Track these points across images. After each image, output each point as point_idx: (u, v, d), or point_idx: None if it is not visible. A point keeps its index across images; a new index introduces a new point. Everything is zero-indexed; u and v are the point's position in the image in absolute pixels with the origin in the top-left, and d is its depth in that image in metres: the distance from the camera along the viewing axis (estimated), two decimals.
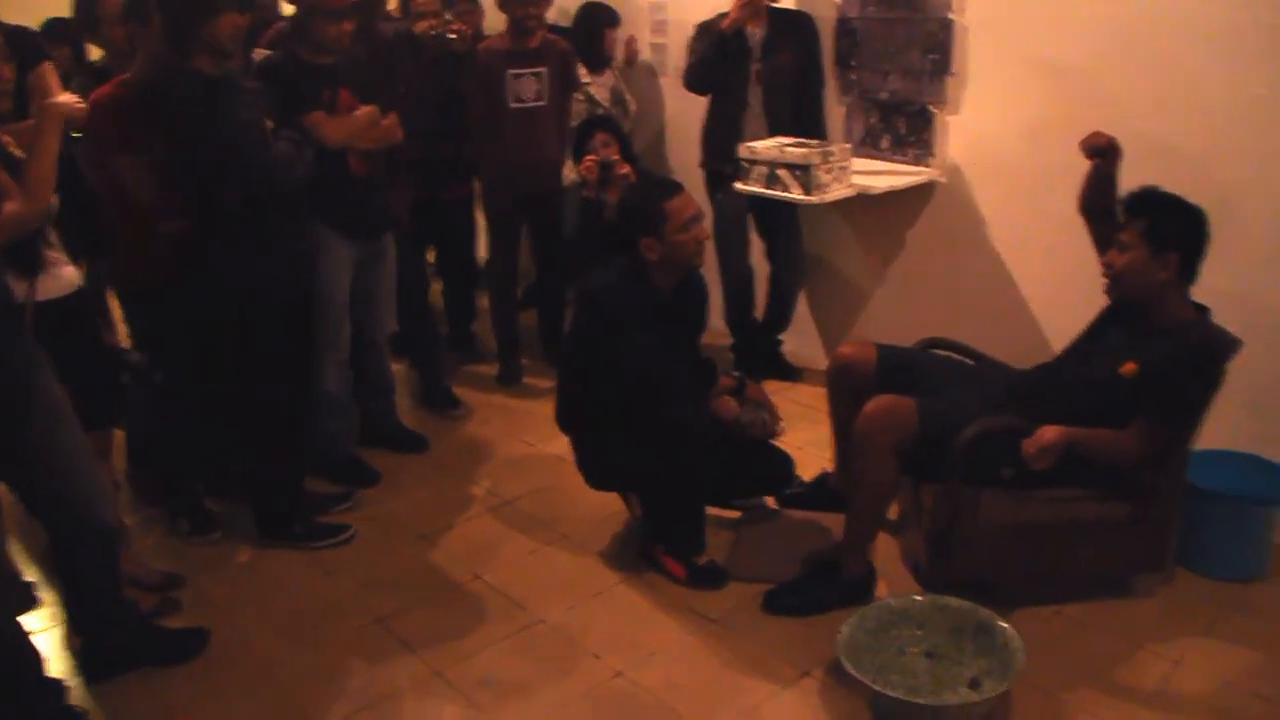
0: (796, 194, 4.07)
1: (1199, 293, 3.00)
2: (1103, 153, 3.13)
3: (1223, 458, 3.35)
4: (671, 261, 3.24)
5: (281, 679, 2.97)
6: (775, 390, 4.05)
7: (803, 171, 4.00)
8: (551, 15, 4.95)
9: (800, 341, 5.01)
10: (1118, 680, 2.87)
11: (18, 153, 2.73)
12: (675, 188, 3.27)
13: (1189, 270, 2.94)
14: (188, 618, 3.23)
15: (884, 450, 3.02)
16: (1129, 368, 2.95)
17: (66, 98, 2.87)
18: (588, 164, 4.39)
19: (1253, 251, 3.41)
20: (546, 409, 3.86)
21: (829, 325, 4.98)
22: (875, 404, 3.08)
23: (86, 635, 2.95)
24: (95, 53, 4.19)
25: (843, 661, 2.68)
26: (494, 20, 5.00)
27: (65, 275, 2.93)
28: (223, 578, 3.49)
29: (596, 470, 3.48)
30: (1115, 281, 3.01)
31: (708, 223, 3.52)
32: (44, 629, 3.15)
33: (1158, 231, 2.89)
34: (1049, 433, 2.90)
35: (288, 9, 4.38)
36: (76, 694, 2.86)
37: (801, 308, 4.93)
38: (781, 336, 4.93)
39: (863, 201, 4.28)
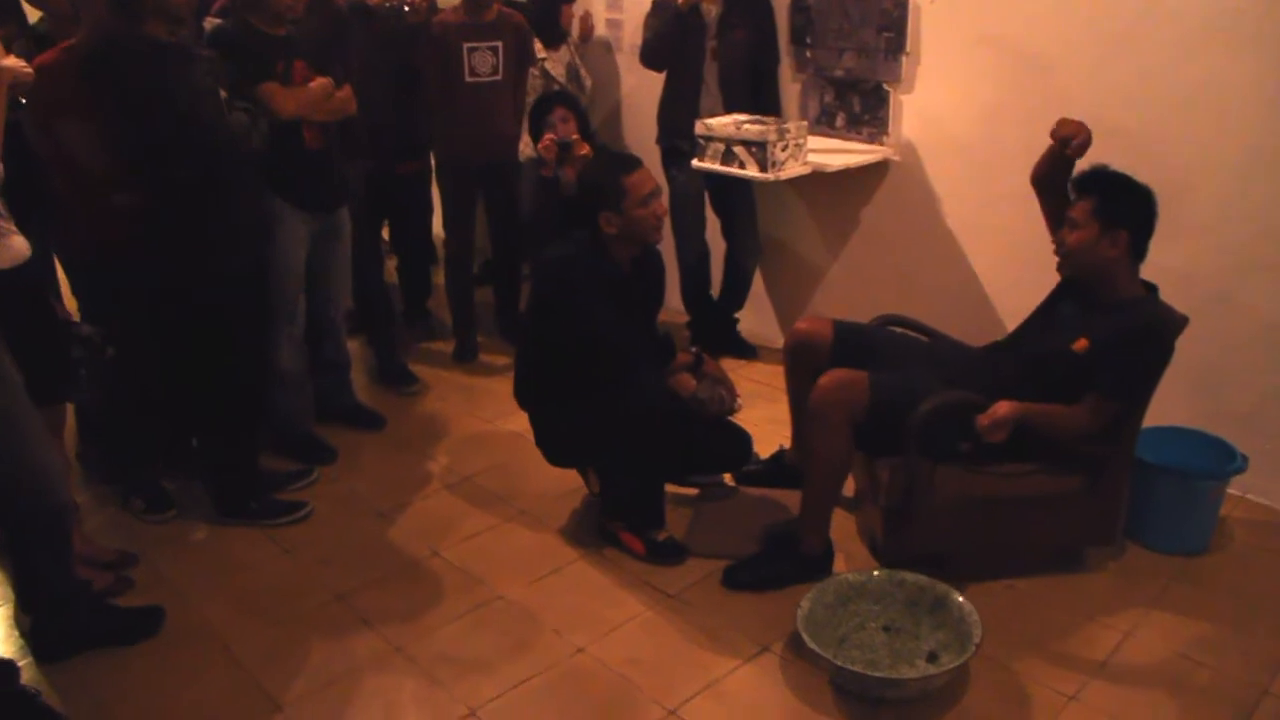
0: (753, 171, 4.08)
1: (1147, 271, 3.05)
2: (1075, 147, 3.10)
3: (1170, 433, 3.42)
4: (630, 236, 3.24)
5: (240, 657, 2.95)
6: (732, 368, 4.08)
7: (759, 149, 4.01)
8: None
9: (756, 319, 5.03)
10: (1070, 651, 2.93)
11: None
12: (634, 162, 3.26)
13: (1138, 247, 2.99)
14: (142, 596, 3.19)
15: (837, 424, 3.05)
16: (1081, 344, 2.99)
17: (13, 62, 2.80)
18: (546, 143, 4.36)
19: (1199, 232, 3.48)
20: (503, 385, 3.87)
21: (785, 303, 5.01)
22: (828, 378, 3.10)
23: (37, 615, 2.91)
24: (34, 17, 4.08)
25: (802, 635, 2.71)
26: None
27: (14, 245, 2.85)
28: (178, 556, 3.45)
29: (555, 446, 3.47)
30: (1066, 258, 3.06)
31: (665, 199, 3.52)
32: None
33: (1107, 209, 2.95)
34: (1003, 407, 2.94)
35: None
36: (28, 674, 2.82)
37: (757, 286, 4.94)
38: (738, 314, 4.95)
39: (818, 179, 4.31)
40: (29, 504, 2.70)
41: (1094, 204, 2.97)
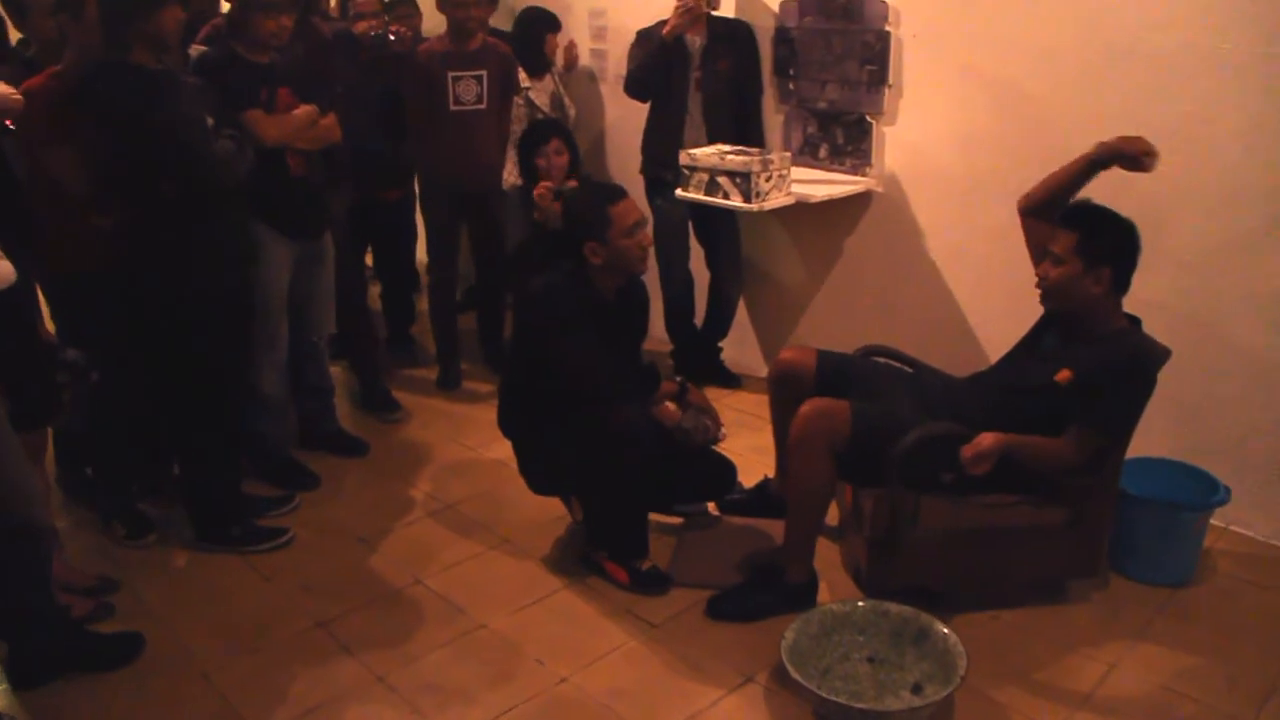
0: (736, 201, 4.10)
1: (1129, 302, 3.07)
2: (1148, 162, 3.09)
3: (1153, 465, 3.44)
4: (614, 266, 3.25)
5: (220, 685, 2.92)
6: (716, 397, 4.07)
7: (743, 179, 4.03)
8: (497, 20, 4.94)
9: (740, 349, 5.04)
10: (1055, 684, 2.92)
11: None
12: (620, 193, 3.27)
13: (1121, 282, 3.00)
14: (122, 623, 3.16)
15: (819, 452, 3.05)
16: (1064, 375, 2.99)
17: (2, 89, 2.81)
18: (542, 190, 4.28)
19: (1177, 263, 3.52)
20: (487, 413, 3.85)
21: (768, 333, 5.02)
22: (809, 406, 3.11)
23: (15, 640, 2.87)
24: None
25: (787, 666, 2.70)
26: (435, 23, 4.96)
27: (1, 269, 2.85)
28: (158, 582, 3.42)
29: (539, 475, 3.47)
30: (1049, 294, 3.07)
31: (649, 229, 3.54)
32: None
33: (1090, 246, 2.94)
34: (987, 439, 2.95)
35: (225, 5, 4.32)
36: (4, 700, 2.79)
37: (741, 315, 4.96)
38: (721, 344, 4.96)
39: (801, 210, 4.33)
40: (7, 528, 2.67)
41: (1077, 241, 2.96)
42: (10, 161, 3.34)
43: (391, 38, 4.51)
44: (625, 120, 5.17)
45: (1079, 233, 2.97)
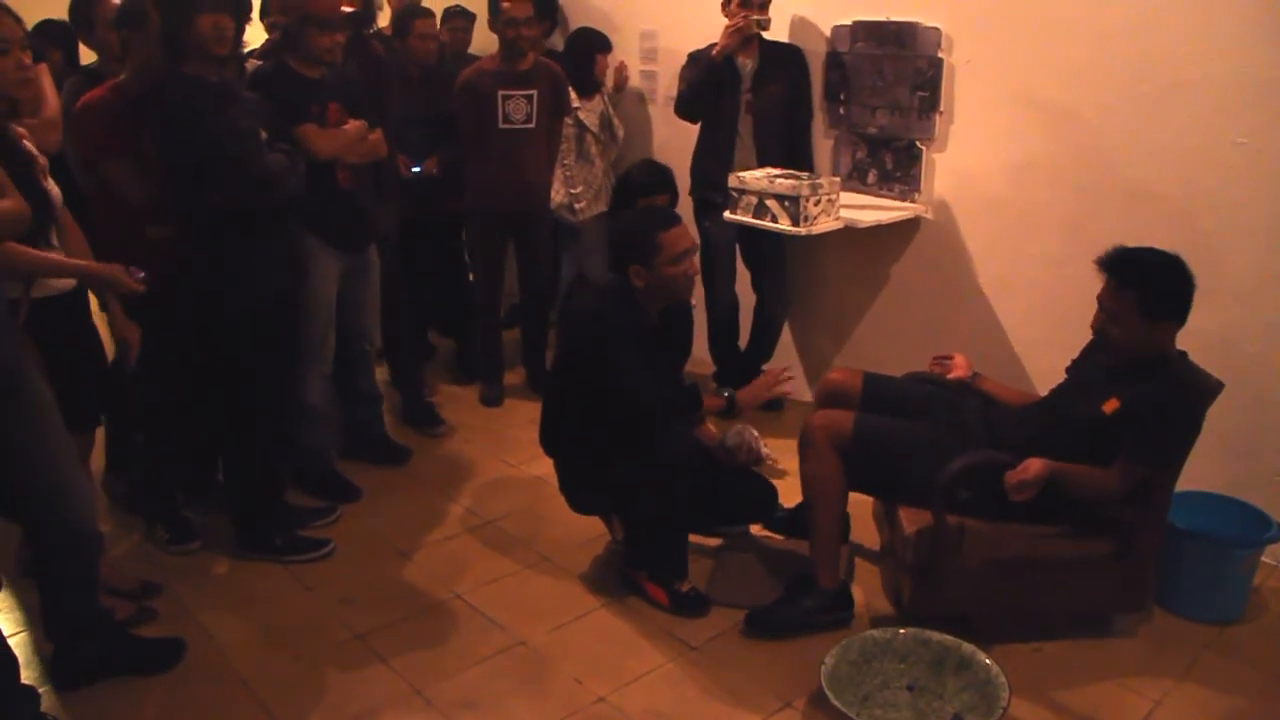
0: (784, 225, 4.10)
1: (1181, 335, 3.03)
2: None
3: (1202, 499, 3.38)
4: (658, 292, 3.24)
5: (258, 692, 2.93)
6: (757, 420, 4.07)
7: (791, 203, 4.03)
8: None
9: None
10: (1099, 719, 2.87)
11: (31, 146, 2.74)
12: (673, 219, 3.26)
13: (1179, 322, 2.95)
14: (163, 627, 3.19)
15: (821, 446, 3.13)
16: (1111, 404, 2.96)
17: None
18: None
19: (1232, 297, 3.46)
20: (528, 430, 3.86)
21: (812, 357, 5.00)
22: (818, 414, 3.23)
23: (60, 641, 2.90)
24: (87, 56, 4.16)
25: (826, 693, 2.67)
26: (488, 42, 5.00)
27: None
28: (200, 588, 3.44)
29: (579, 494, 3.47)
30: (1108, 345, 3.02)
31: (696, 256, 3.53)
32: (14, 634, 3.09)
33: (1151, 303, 2.88)
34: (1034, 465, 2.91)
35: None
36: (47, 701, 2.82)
37: (785, 338, 4.95)
38: (764, 366, 4.93)
39: (849, 235, 4.31)
40: (57, 529, 2.71)
41: (1136, 298, 2.88)
42: (73, 173, 3.42)
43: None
44: (674, 142, 5.19)
45: (1136, 289, 2.88)
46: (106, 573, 3.16)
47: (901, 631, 2.93)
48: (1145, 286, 2.88)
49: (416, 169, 4.85)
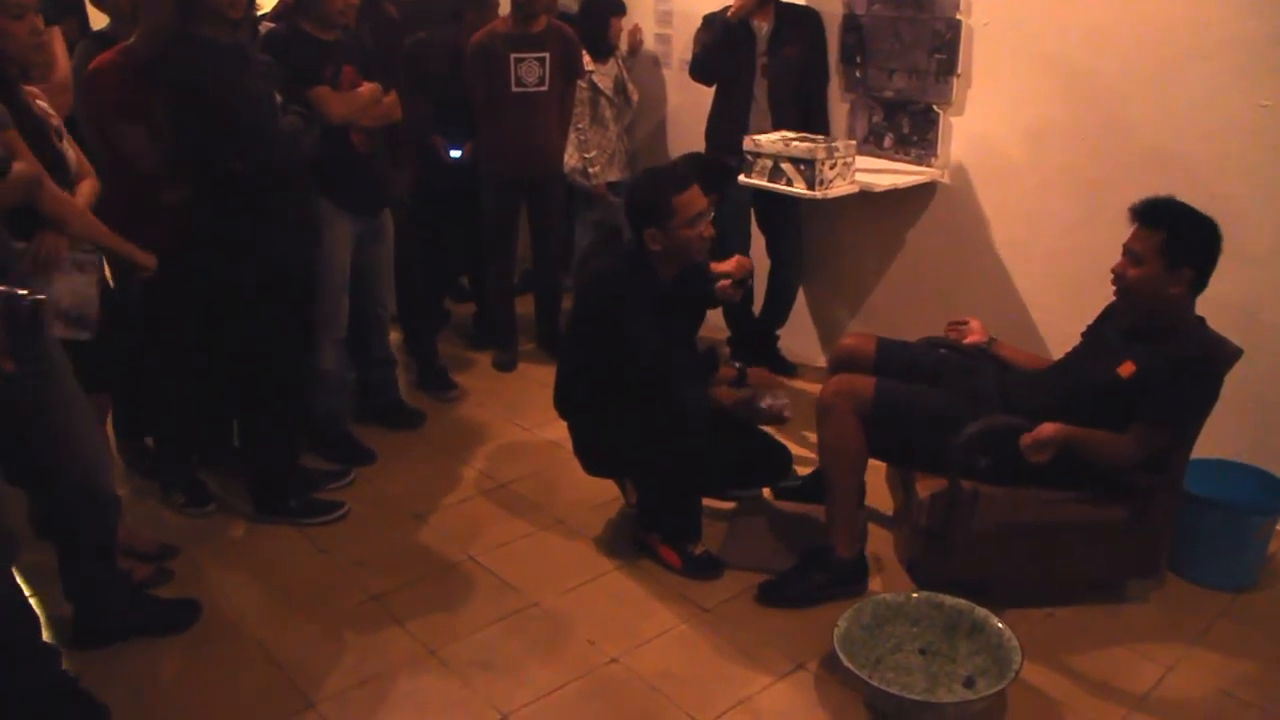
0: (800, 189, 4.07)
1: (1202, 300, 3.01)
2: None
3: (1219, 466, 3.37)
4: (673, 255, 3.23)
5: (274, 654, 2.96)
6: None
7: (807, 166, 4.00)
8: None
9: (797, 338, 5.01)
10: (1110, 683, 2.88)
11: (46, 106, 2.74)
12: (686, 181, 3.23)
13: (1200, 283, 2.93)
14: (179, 589, 3.21)
15: (843, 413, 3.09)
16: (1127, 368, 2.95)
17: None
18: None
19: (1254, 263, 3.42)
20: (542, 394, 3.86)
21: (826, 322, 4.99)
22: (835, 379, 3.20)
23: (79, 602, 2.93)
24: (98, 20, 4.13)
25: (839, 655, 2.68)
26: None
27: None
28: (216, 551, 3.47)
29: (593, 456, 3.47)
30: (1125, 292, 3.00)
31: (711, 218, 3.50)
32: (32, 594, 3.11)
33: (1175, 247, 2.86)
34: (1048, 428, 2.90)
35: None
36: (67, 660, 2.83)
37: (799, 304, 4.93)
38: (779, 332, 4.93)
39: (864, 199, 4.29)
40: (77, 492, 2.72)
41: (1161, 240, 2.87)
42: (84, 138, 3.41)
43: None
44: (688, 106, 5.16)
45: (1164, 231, 2.88)
46: (124, 535, 3.18)
47: (914, 595, 2.94)
48: (1172, 229, 2.87)
49: (456, 152, 4.81)
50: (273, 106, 3.29)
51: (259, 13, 3.73)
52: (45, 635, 2.86)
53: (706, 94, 4.68)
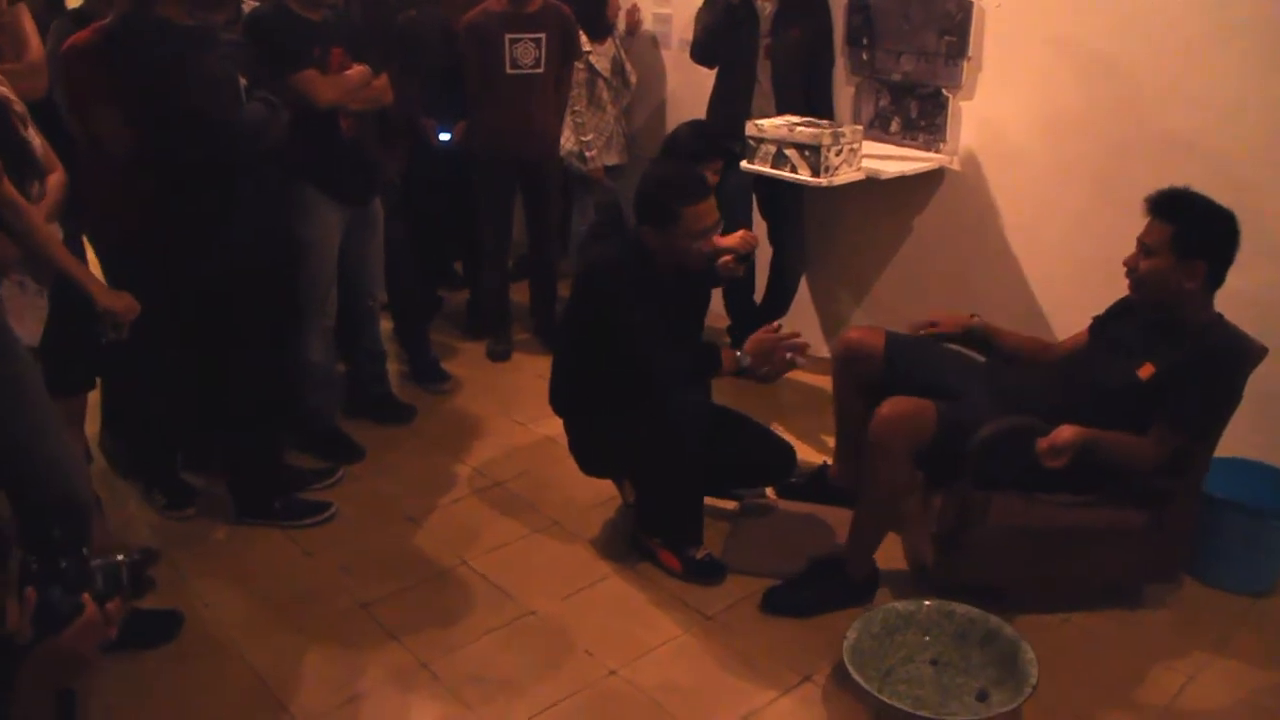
0: (804, 175, 3.93)
1: (1221, 295, 2.89)
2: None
3: (1239, 466, 3.25)
4: (666, 257, 3.10)
5: (259, 666, 2.83)
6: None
7: (812, 152, 3.86)
8: None
9: (800, 327, 4.78)
10: (1130, 695, 2.77)
11: (7, 91, 2.59)
12: (701, 191, 3.06)
13: (1215, 278, 2.83)
14: (161, 597, 3.07)
15: (900, 454, 2.89)
16: (1146, 370, 2.84)
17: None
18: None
19: (1273, 254, 3.30)
20: (537, 386, 3.75)
21: (829, 312, 4.86)
22: (892, 407, 2.93)
23: None
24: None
25: (849, 668, 2.57)
26: None
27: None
28: (199, 555, 3.34)
29: (591, 456, 3.35)
30: (1137, 285, 2.90)
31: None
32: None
33: (1186, 239, 2.77)
34: (1066, 431, 2.77)
35: None
36: None
37: (802, 293, 4.78)
38: (780, 322, 4.77)
39: (870, 185, 4.14)
40: (46, 503, 2.58)
41: (1172, 233, 2.78)
42: (63, 122, 3.26)
43: None
44: (688, 88, 5.01)
45: (1175, 224, 2.78)
46: (102, 541, 3.04)
47: (926, 603, 2.84)
48: (1184, 222, 2.78)
49: (445, 135, 4.65)
50: (235, 93, 3.13)
51: None
52: None
53: (707, 75, 4.54)
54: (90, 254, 3.43)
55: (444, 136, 4.68)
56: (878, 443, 2.91)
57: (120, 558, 2.04)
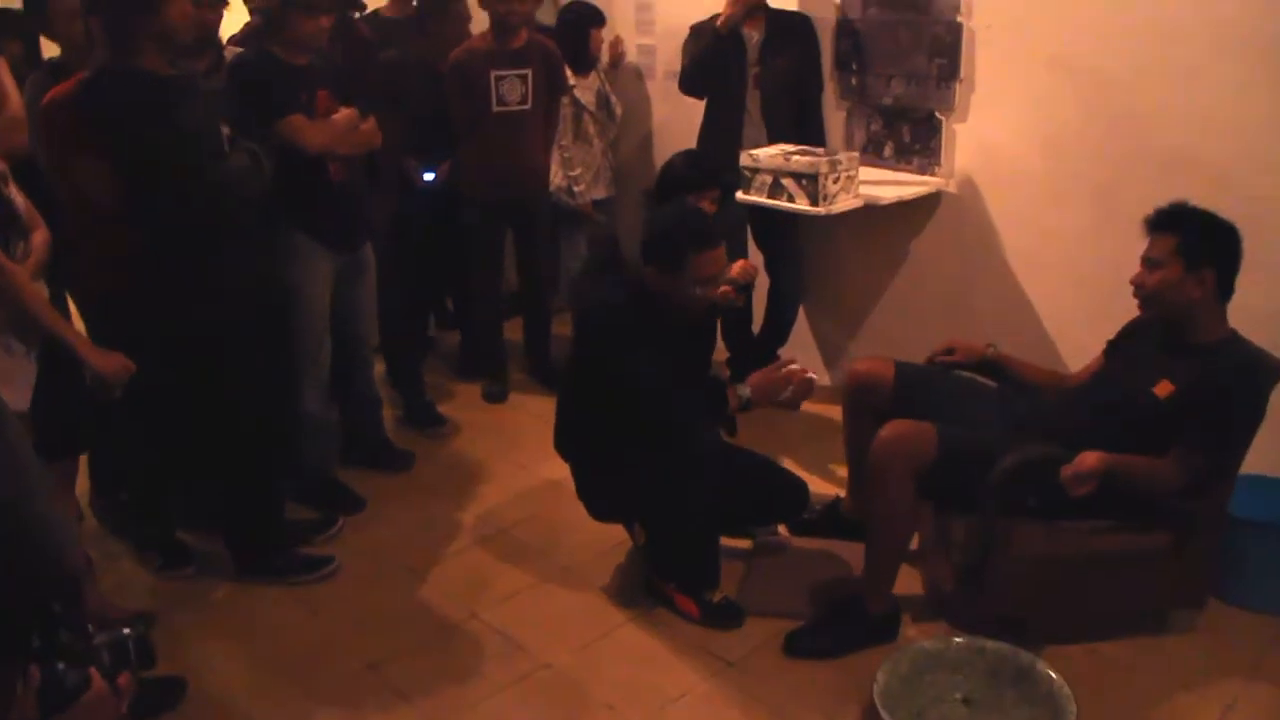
0: (802, 204, 3.87)
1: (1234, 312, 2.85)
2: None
3: (1261, 483, 3.19)
4: (671, 302, 3.03)
5: None
6: (774, 409, 3.83)
7: (809, 181, 3.80)
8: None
9: (799, 356, 4.75)
10: None
11: None
12: (710, 240, 2.98)
13: (1225, 285, 2.79)
14: (162, 662, 2.91)
15: (899, 477, 2.84)
16: (1164, 388, 2.79)
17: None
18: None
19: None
20: (535, 426, 3.67)
21: (829, 340, 4.79)
22: (891, 429, 2.89)
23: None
24: (48, 50, 3.89)
25: (880, 713, 2.49)
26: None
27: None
28: (198, 617, 3.23)
29: (599, 500, 3.26)
30: (1147, 301, 2.86)
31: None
32: None
33: (1191, 247, 2.75)
34: (1090, 459, 2.72)
35: None
36: None
37: (800, 321, 4.72)
38: (780, 352, 4.72)
39: (866, 211, 4.08)
40: (37, 573, 2.47)
41: (1176, 242, 2.76)
42: (43, 177, 3.17)
43: None
44: (674, 119, 4.97)
45: (1178, 234, 2.77)
46: (96, 605, 2.94)
47: (955, 641, 2.76)
48: (1186, 230, 2.77)
49: (429, 175, 4.59)
50: (215, 145, 3.04)
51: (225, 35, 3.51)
52: None
53: (693, 106, 4.48)
54: (73, 310, 3.35)
55: (428, 176, 4.60)
56: (878, 466, 2.87)
57: (126, 630, 1.96)
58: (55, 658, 1.67)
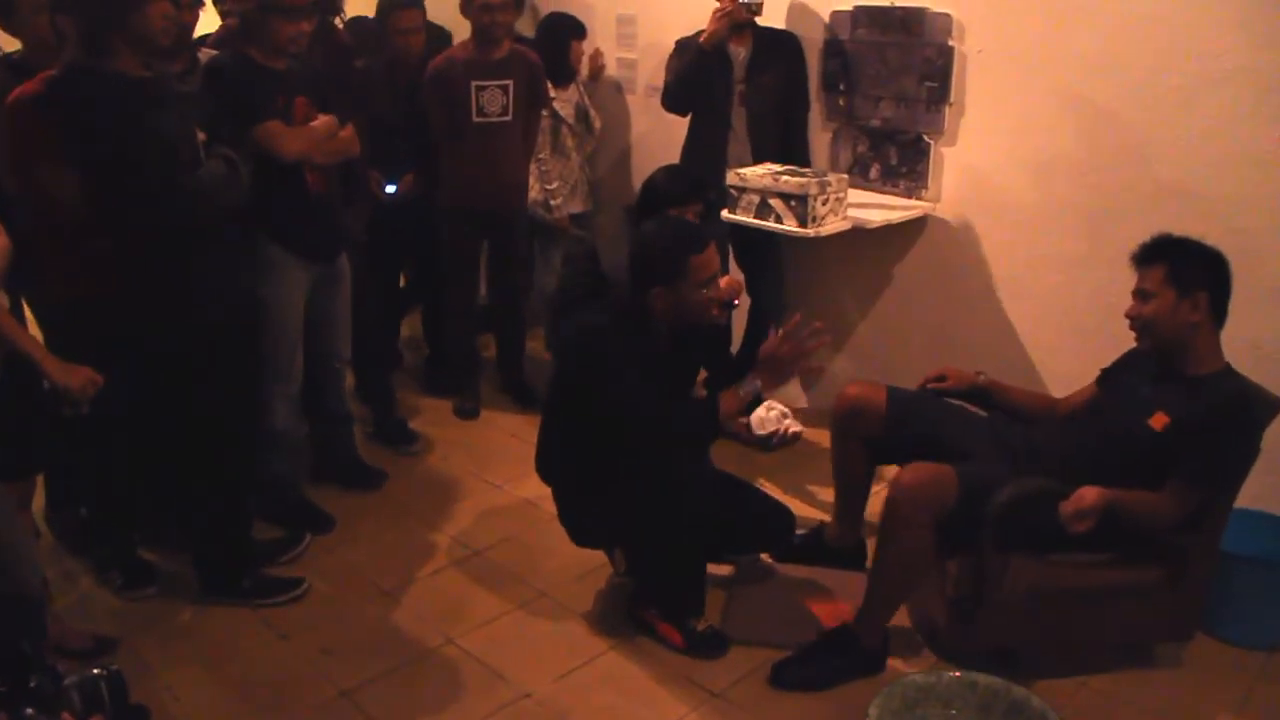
0: (790, 225, 3.82)
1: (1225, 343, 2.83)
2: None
3: (1251, 518, 3.17)
4: (679, 316, 2.95)
5: None
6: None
7: (799, 202, 3.75)
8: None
9: None
10: None
11: None
12: (703, 241, 2.93)
13: (1219, 310, 2.78)
14: None
15: (923, 525, 2.77)
16: (1160, 420, 2.76)
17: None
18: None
19: (1274, 300, 3.25)
20: (510, 444, 3.59)
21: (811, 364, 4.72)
22: (914, 475, 2.80)
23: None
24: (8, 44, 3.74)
25: None
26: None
27: None
28: (161, 640, 3.10)
29: (584, 526, 3.16)
30: (1144, 331, 2.84)
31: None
32: None
33: (1180, 272, 2.74)
34: (1090, 495, 2.67)
35: None
36: None
37: None
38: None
39: (851, 233, 4.04)
40: None
41: (1166, 270, 2.75)
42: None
43: None
44: (654, 135, 4.90)
45: (1166, 263, 2.76)
46: (54, 630, 2.81)
47: (946, 675, 2.71)
48: (1174, 258, 2.77)
49: (391, 188, 4.48)
50: (191, 152, 2.93)
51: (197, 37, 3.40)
52: None
53: (673, 121, 4.42)
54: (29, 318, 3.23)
55: (390, 189, 4.50)
56: (899, 514, 2.79)
57: (97, 671, 1.85)
58: (24, 703, 1.56)
